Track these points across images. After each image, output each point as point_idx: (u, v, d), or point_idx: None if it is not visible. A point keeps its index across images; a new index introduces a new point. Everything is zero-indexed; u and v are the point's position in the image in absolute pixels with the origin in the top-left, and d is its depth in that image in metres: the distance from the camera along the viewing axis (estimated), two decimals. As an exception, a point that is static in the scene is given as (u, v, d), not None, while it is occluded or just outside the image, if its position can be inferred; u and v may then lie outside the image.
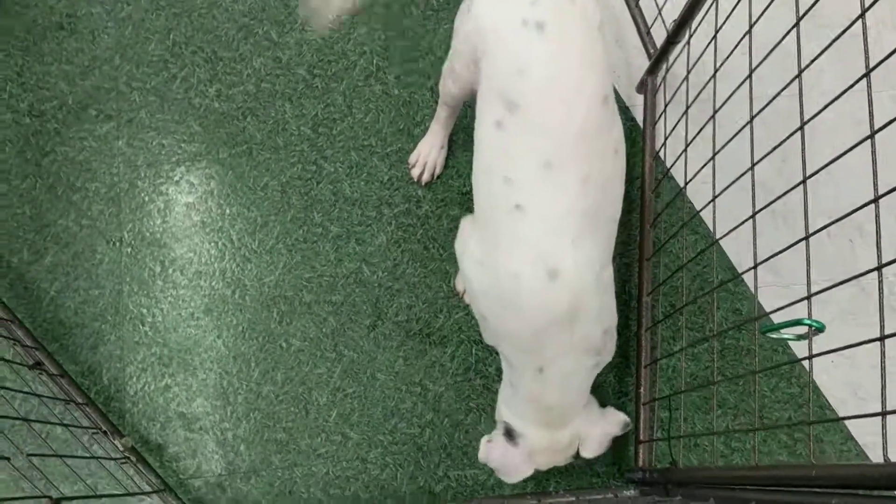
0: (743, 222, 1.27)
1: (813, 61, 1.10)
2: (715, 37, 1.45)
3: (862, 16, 0.94)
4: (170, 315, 1.77)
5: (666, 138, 1.72)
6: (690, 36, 1.62)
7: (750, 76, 1.27)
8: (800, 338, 1.03)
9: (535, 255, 1.20)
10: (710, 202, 1.41)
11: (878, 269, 0.85)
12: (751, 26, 1.29)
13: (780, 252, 1.14)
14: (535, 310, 1.22)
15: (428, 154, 1.81)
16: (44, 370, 1.65)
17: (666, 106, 1.75)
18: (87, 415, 1.64)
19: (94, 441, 1.66)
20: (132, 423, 1.71)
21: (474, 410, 1.73)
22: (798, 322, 1.00)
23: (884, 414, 0.81)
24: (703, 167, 1.48)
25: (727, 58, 1.40)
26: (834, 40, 1.06)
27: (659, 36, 1.82)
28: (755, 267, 1.19)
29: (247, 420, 1.72)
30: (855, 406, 1.77)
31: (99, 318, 1.77)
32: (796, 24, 1.13)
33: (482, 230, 1.31)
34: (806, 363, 1.74)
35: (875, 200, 0.87)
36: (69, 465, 1.54)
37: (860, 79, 0.94)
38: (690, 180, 1.55)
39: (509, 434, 1.39)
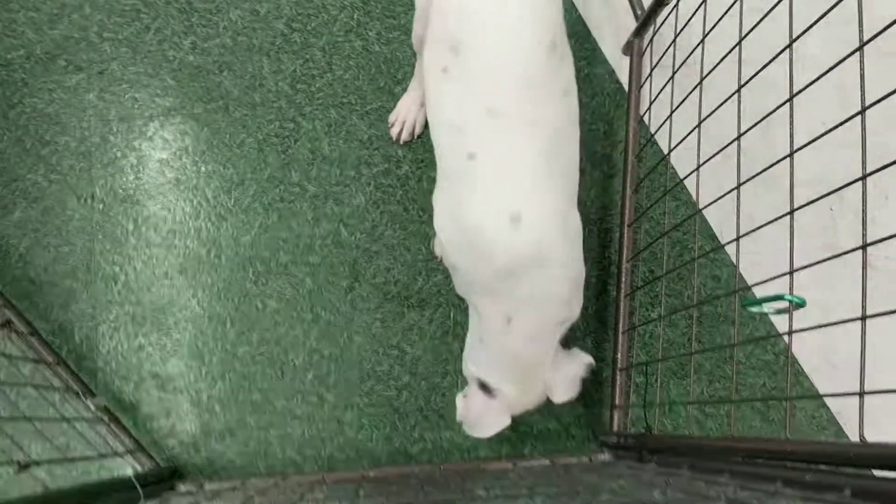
0: (727, 193, 1.26)
1: (804, 32, 1.08)
2: (704, 1, 1.42)
3: (857, -14, 0.91)
4: (143, 274, 1.74)
5: (651, 103, 1.70)
6: (679, -2, 1.59)
7: (739, 44, 1.24)
8: (780, 312, 1.03)
9: (495, 203, 1.20)
10: (694, 171, 1.40)
11: (863, 247, 0.84)
12: (741, -9, 1.26)
13: (763, 226, 1.13)
14: (502, 255, 1.22)
15: (408, 112, 1.78)
16: (13, 329, 1.61)
17: (652, 70, 1.72)
18: (57, 374, 1.62)
19: (66, 401, 1.64)
20: (105, 383, 1.69)
21: (451, 374, 1.72)
22: (779, 297, 0.99)
23: (861, 394, 0.81)
24: (688, 134, 1.46)
25: (717, 23, 1.37)
26: (826, 12, 1.03)
27: (646, -3, 1.79)
28: (738, 239, 1.18)
29: (222, 381, 1.71)
30: (828, 373, 1.79)
31: (70, 276, 1.73)
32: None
33: (444, 181, 1.31)
34: (785, 336, 1.75)
35: (863, 178, 0.86)
36: (36, 426, 1.52)
37: (853, 52, 0.92)
38: (675, 147, 1.54)
39: (485, 388, 1.39)
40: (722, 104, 1.31)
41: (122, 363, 1.70)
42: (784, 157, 1.06)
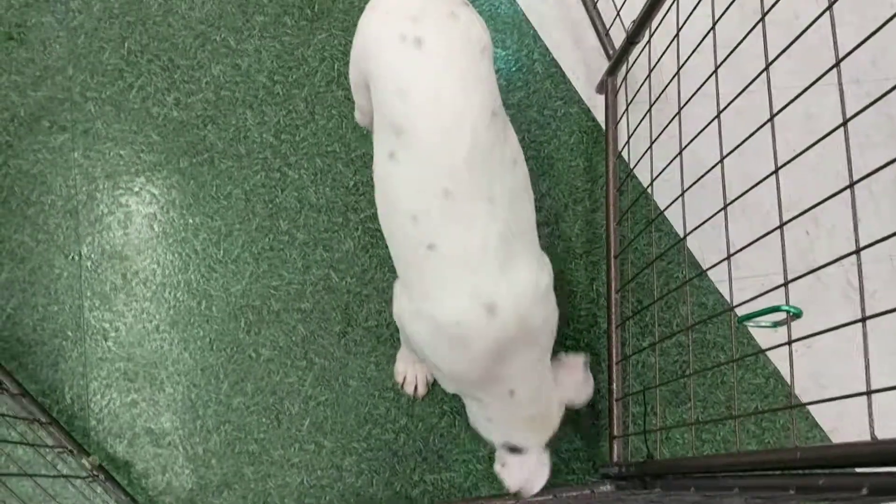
0: (712, 216, 1.30)
1: (775, 59, 1.13)
2: (677, 36, 1.47)
3: (829, 9, 0.97)
4: (134, 329, 1.73)
5: (629, 138, 1.75)
6: (651, 36, 1.65)
7: (716, 72, 1.29)
8: (776, 325, 1.05)
9: (466, 296, 1.16)
10: (675, 199, 1.44)
11: (857, 251, 0.88)
12: (714, 24, 1.31)
13: (751, 243, 1.16)
14: (486, 347, 1.18)
15: None
16: (3, 390, 1.59)
17: (627, 106, 1.78)
18: (50, 434, 1.59)
19: (60, 460, 1.61)
20: (98, 441, 1.66)
21: (448, 413, 1.72)
22: (776, 309, 1.02)
23: (869, 393, 0.83)
24: (667, 166, 1.50)
25: (689, 57, 1.43)
26: (796, 38, 1.09)
27: (617, 36, 1.85)
28: (728, 258, 1.22)
29: (217, 433, 1.69)
30: (817, 394, 1.82)
31: (59, 335, 1.71)
32: (760, 20, 1.16)
33: (406, 279, 1.27)
34: (772, 352, 1.78)
35: (850, 186, 0.90)
36: (38, 483, 1.49)
37: (827, 71, 0.97)
38: (655, 178, 1.58)
39: (515, 449, 1.38)
40: (701, 132, 1.35)
41: (115, 420, 1.68)
42: (768, 176, 1.10)
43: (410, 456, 1.70)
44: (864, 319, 0.85)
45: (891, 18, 0.87)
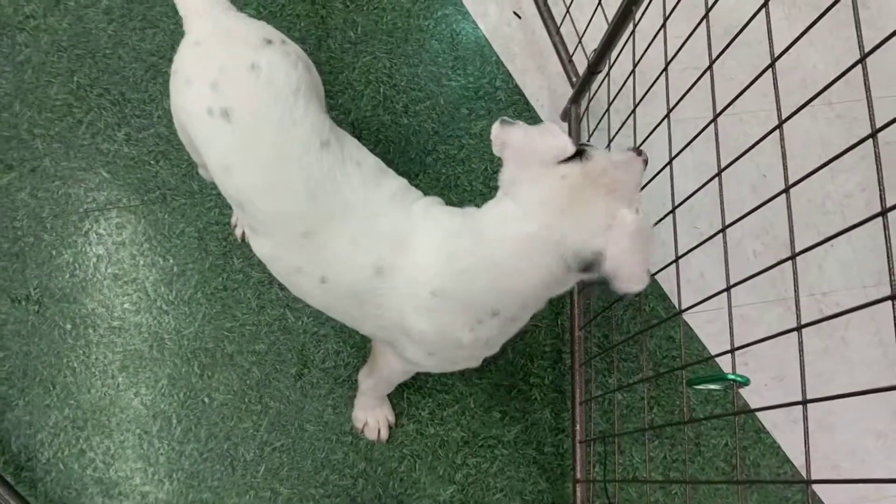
0: (669, 264, 1.26)
1: (732, 102, 1.08)
2: (633, 71, 1.43)
3: (775, 61, 0.92)
4: (82, 375, 1.67)
5: (590, 169, 1.69)
6: (610, 67, 1.60)
7: (668, 115, 1.24)
8: (727, 389, 1.01)
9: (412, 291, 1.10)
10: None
11: (798, 329, 0.83)
12: (667, 64, 1.27)
13: (707, 299, 1.11)
14: (484, 274, 1.06)
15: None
16: (-55, 444, 1.54)
17: (590, 136, 1.73)
18: (-6, 489, 1.54)
19: (2, 518, 1.56)
20: (45, 493, 1.61)
21: (408, 457, 1.67)
22: (723, 377, 0.97)
23: (809, 483, 0.79)
24: (627, 202, 1.45)
25: (647, 92, 1.38)
26: (754, 80, 1.04)
27: (581, 63, 1.80)
28: (680, 313, 1.17)
29: (170, 481, 1.63)
30: (789, 427, 1.78)
31: (5, 383, 1.66)
32: (709, 68, 1.11)
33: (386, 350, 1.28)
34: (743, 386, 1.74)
35: (792, 258, 0.85)
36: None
37: (770, 133, 0.92)
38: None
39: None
40: (658, 173, 1.31)
41: (63, 471, 1.62)
42: (718, 232, 1.06)
43: (369, 502, 1.65)
44: (805, 403, 0.80)
45: (877, 45, 0.82)
